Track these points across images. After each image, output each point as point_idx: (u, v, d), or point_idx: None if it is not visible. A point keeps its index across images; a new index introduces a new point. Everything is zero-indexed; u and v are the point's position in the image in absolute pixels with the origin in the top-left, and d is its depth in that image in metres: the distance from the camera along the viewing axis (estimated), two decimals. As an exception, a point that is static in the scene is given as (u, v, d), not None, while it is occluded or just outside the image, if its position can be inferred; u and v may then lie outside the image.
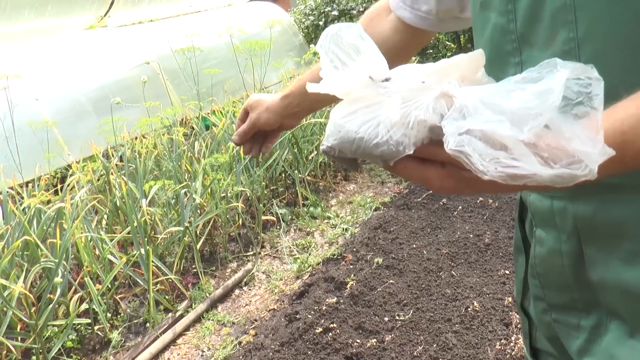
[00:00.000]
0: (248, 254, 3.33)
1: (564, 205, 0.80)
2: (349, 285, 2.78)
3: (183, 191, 2.98)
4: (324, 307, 2.61)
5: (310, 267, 3.12)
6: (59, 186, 3.18)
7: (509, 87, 0.59)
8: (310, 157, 4.07)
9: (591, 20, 0.69)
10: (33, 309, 2.31)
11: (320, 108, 1.37)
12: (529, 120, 0.56)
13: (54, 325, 2.46)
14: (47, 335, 2.44)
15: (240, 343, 2.57)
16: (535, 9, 0.74)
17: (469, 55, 0.63)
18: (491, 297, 2.58)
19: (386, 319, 2.53)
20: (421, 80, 0.64)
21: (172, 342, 2.64)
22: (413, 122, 0.63)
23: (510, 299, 2.55)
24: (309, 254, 3.27)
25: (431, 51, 6.45)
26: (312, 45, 6.43)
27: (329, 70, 0.69)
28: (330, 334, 2.45)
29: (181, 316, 2.77)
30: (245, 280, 3.08)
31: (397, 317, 2.53)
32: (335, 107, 0.70)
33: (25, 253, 2.54)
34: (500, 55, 0.81)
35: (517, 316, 2.45)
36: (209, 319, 2.79)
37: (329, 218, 3.73)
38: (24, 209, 2.67)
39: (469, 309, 2.51)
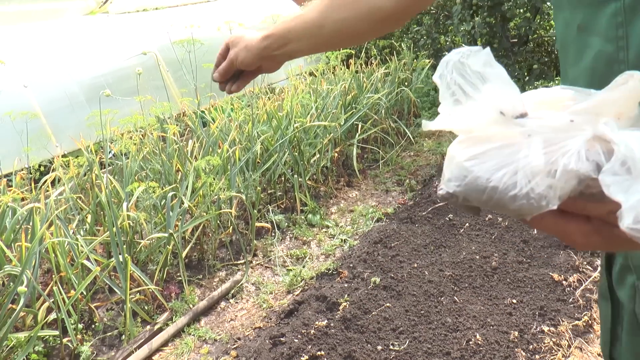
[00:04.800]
0: (238, 262, 3.13)
1: None
2: (341, 307, 2.57)
3: (170, 194, 2.78)
4: (312, 331, 2.40)
5: (302, 282, 2.91)
6: (41, 181, 2.97)
7: None
8: (312, 161, 3.85)
9: None
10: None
11: (300, 56, 1.24)
12: None
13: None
14: (11, 345, 2.25)
15: (219, 365, 2.37)
16: None
17: (627, 87, 0.51)
18: (496, 329, 2.36)
19: (379, 347, 2.31)
20: (569, 118, 0.53)
21: (148, 358, 2.44)
22: (560, 172, 0.51)
23: (516, 332, 2.33)
24: (303, 266, 3.06)
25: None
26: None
27: (449, 104, 0.57)
28: (317, 361, 2.25)
29: (160, 329, 2.57)
30: (232, 291, 2.88)
31: (391, 347, 2.31)
32: (456, 145, 0.57)
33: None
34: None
35: (524, 353, 2.23)
36: (190, 334, 2.59)
37: (327, 227, 3.52)
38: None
39: (470, 342, 2.29)
